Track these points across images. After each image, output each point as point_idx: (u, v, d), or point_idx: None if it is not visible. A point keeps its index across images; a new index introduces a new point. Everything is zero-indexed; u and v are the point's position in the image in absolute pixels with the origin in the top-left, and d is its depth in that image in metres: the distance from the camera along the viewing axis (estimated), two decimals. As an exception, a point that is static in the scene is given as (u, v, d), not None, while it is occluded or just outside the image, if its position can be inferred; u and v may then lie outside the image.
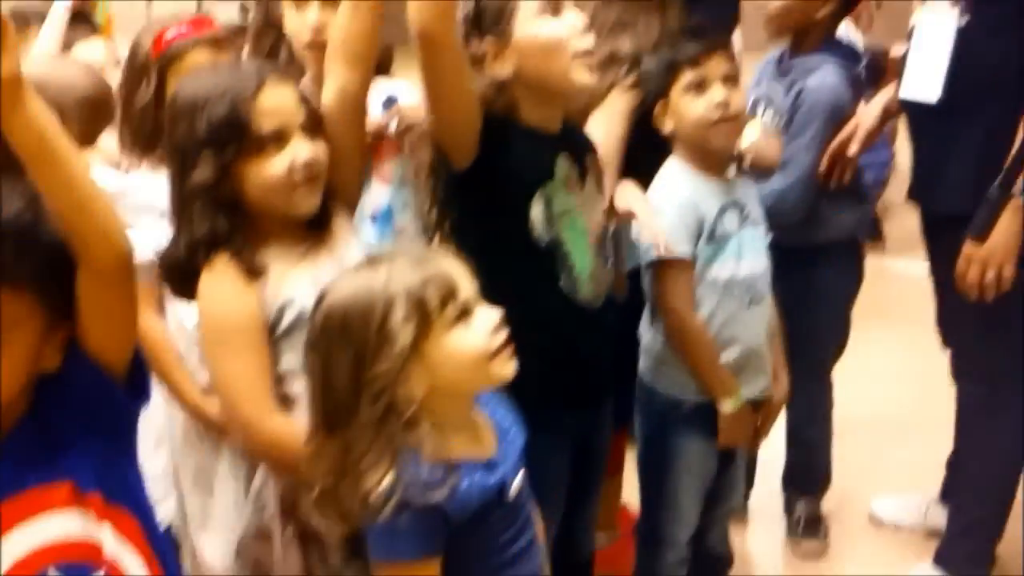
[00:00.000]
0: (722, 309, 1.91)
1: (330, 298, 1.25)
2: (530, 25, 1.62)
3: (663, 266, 1.88)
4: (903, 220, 4.08)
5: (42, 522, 1.09)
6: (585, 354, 1.74)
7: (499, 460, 1.30)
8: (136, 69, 1.77)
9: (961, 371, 2.29)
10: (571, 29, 1.64)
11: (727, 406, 1.88)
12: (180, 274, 1.46)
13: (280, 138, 1.41)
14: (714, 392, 1.89)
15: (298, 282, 1.44)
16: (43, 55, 2.20)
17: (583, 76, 1.64)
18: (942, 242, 2.13)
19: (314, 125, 1.46)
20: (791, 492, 2.64)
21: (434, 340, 1.22)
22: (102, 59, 2.24)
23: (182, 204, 1.42)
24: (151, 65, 1.75)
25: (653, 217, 1.84)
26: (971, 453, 2.26)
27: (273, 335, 1.43)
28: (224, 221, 1.40)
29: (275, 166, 1.40)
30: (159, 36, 1.77)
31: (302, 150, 1.42)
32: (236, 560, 1.50)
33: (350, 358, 1.20)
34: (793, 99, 2.28)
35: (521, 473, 1.33)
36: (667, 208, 1.89)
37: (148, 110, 1.75)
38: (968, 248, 1.96)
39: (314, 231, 1.50)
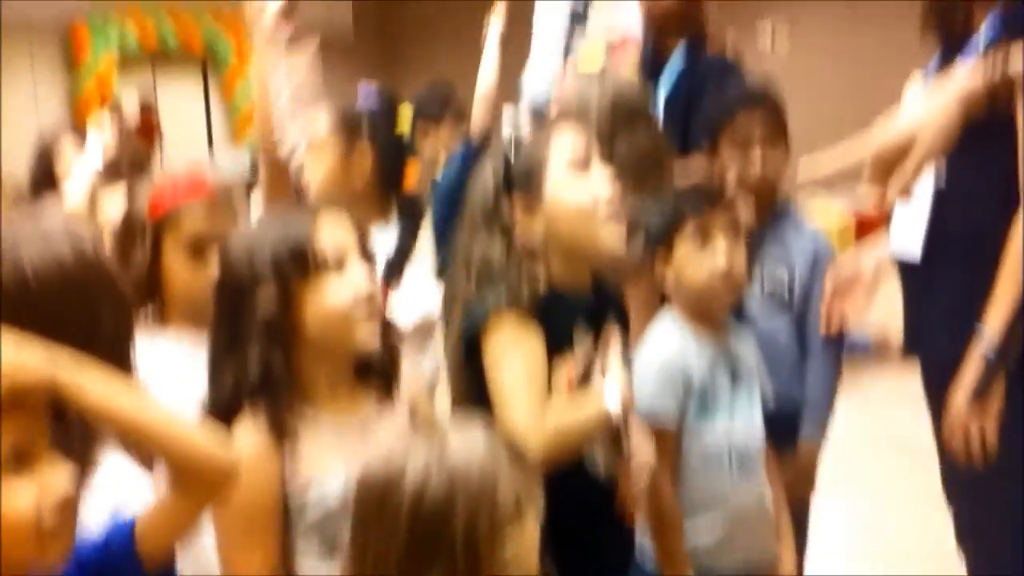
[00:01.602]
0: (710, 474, 1.86)
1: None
2: (560, 186, 1.65)
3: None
4: None
5: None
6: (603, 531, 1.70)
7: None
8: (131, 229, 1.76)
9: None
10: (599, 192, 1.65)
11: None
12: (224, 420, 1.39)
13: (340, 265, 1.42)
14: (665, 571, 1.84)
15: (331, 460, 1.39)
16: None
17: (611, 241, 1.65)
18: (936, 389, 2.14)
19: (368, 253, 1.47)
20: None
21: None
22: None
23: (235, 343, 1.39)
24: (147, 224, 1.75)
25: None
26: None
27: (292, 523, 1.37)
28: (281, 359, 1.38)
29: (338, 293, 1.40)
30: (155, 195, 1.76)
31: (362, 277, 1.42)
32: None
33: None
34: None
35: None
36: (653, 366, 1.86)
37: (142, 273, 1.74)
38: (955, 408, 1.96)
39: (363, 383, 1.49)
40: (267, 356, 1.37)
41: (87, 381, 1.00)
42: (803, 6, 11.71)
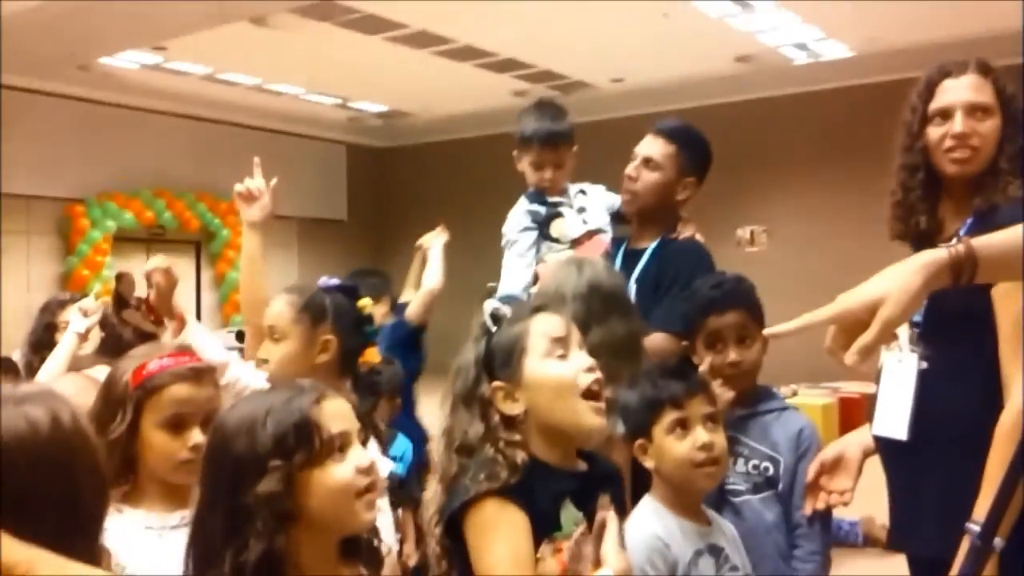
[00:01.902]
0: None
1: None
2: (539, 366, 1.66)
3: None
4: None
5: None
6: None
7: None
8: (112, 400, 1.75)
9: None
10: (578, 369, 1.67)
11: None
12: None
13: (343, 446, 1.41)
14: None
15: None
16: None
17: (592, 419, 1.65)
18: None
19: (365, 437, 1.47)
20: None
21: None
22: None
23: (235, 523, 1.35)
24: (129, 397, 1.74)
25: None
26: None
27: None
28: (283, 539, 1.34)
29: (341, 471, 1.39)
30: (139, 368, 1.76)
31: (364, 457, 1.42)
32: None
33: None
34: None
35: None
36: (636, 550, 1.81)
37: (120, 442, 1.71)
38: None
39: (348, 559, 1.46)
40: (271, 539, 1.34)
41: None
42: (779, 214, 12.20)
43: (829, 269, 9.93)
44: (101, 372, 2.05)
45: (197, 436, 1.69)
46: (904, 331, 2.09)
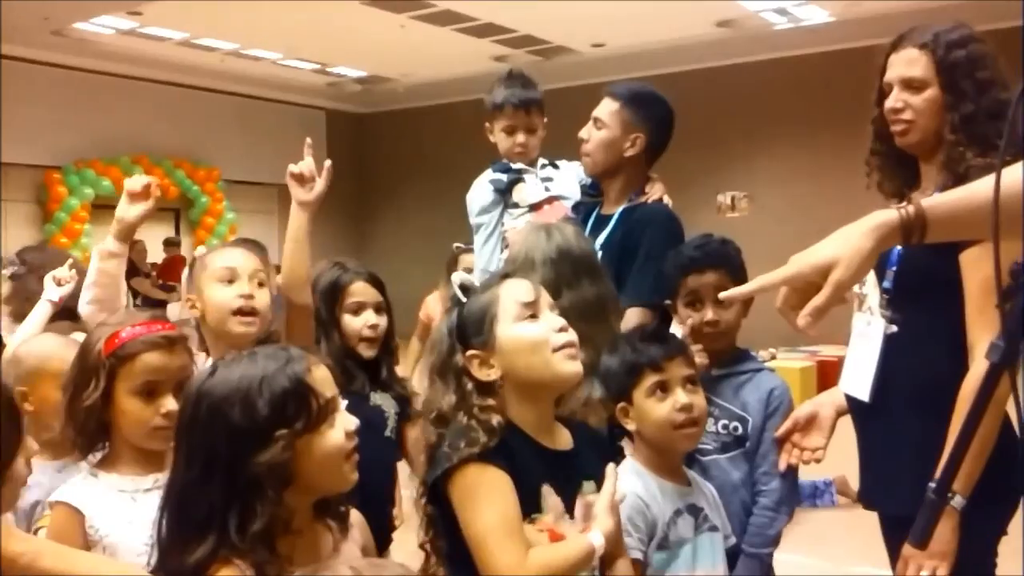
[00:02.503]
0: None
1: None
2: (511, 328, 1.68)
3: None
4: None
5: None
6: None
7: None
8: (86, 368, 1.75)
9: None
10: (550, 328, 1.69)
11: None
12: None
13: (333, 409, 1.44)
14: None
15: None
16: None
17: (567, 365, 1.67)
18: (897, 543, 2.14)
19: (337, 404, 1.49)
20: None
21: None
22: None
23: (236, 491, 1.35)
24: (102, 364, 1.74)
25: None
26: None
27: None
28: (287, 509, 1.37)
29: (335, 436, 1.42)
30: (112, 335, 1.76)
31: (350, 422, 1.45)
32: None
33: None
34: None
35: None
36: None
37: (95, 409, 1.72)
38: (906, 551, 1.97)
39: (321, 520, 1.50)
40: (274, 505, 1.36)
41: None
42: (761, 180, 12.22)
43: (812, 233, 9.74)
44: (80, 336, 2.07)
45: (170, 403, 1.70)
46: (874, 295, 2.12)
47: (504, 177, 2.86)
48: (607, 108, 2.75)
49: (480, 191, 2.92)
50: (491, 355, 1.68)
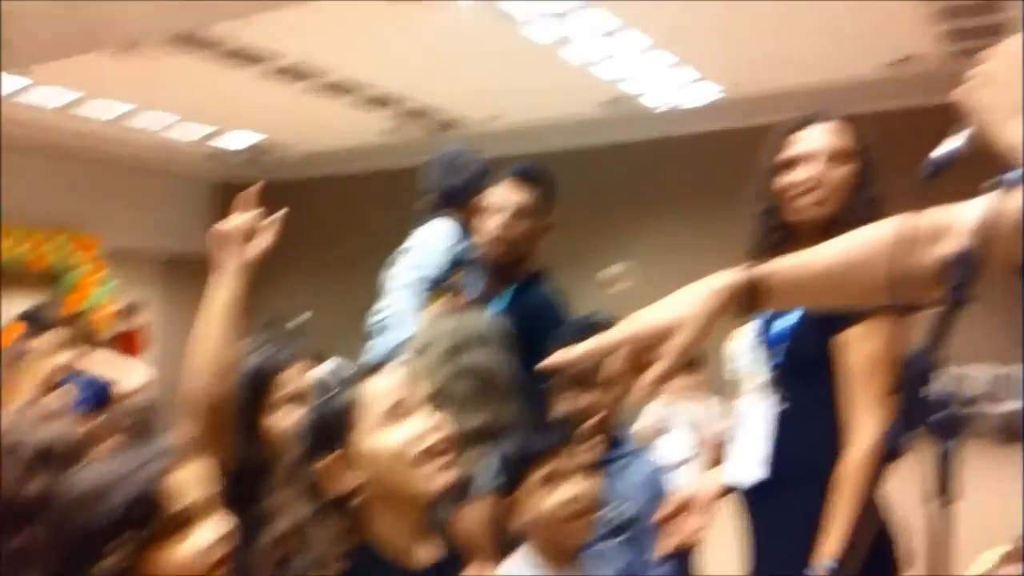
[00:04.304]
0: None
1: None
2: (373, 433, 1.56)
3: None
4: None
5: None
6: None
7: None
8: None
9: None
10: (416, 434, 1.56)
11: None
12: None
13: (191, 518, 1.32)
14: None
15: None
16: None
17: (431, 479, 1.55)
18: None
19: (217, 507, 1.37)
20: None
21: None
22: None
23: None
24: None
25: None
26: None
27: None
28: None
29: (189, 547, 1.31)
30: None
31: (217, 530, 1.33)
32: None
33: None
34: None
35: None
36: None
37: None
38: None
39: None
40: None
41: None
42: (650, 254, 12.48)
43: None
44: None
45: None
46: (761, 374, 2.15)
47: (461, 255, 2.81)
48: (525, 195, 2.73)
49: (434, 252, 2.81)
50: (350, 462, 1.54)
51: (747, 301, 1.25)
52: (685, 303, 1.23)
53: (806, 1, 7.86)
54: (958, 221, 1.15)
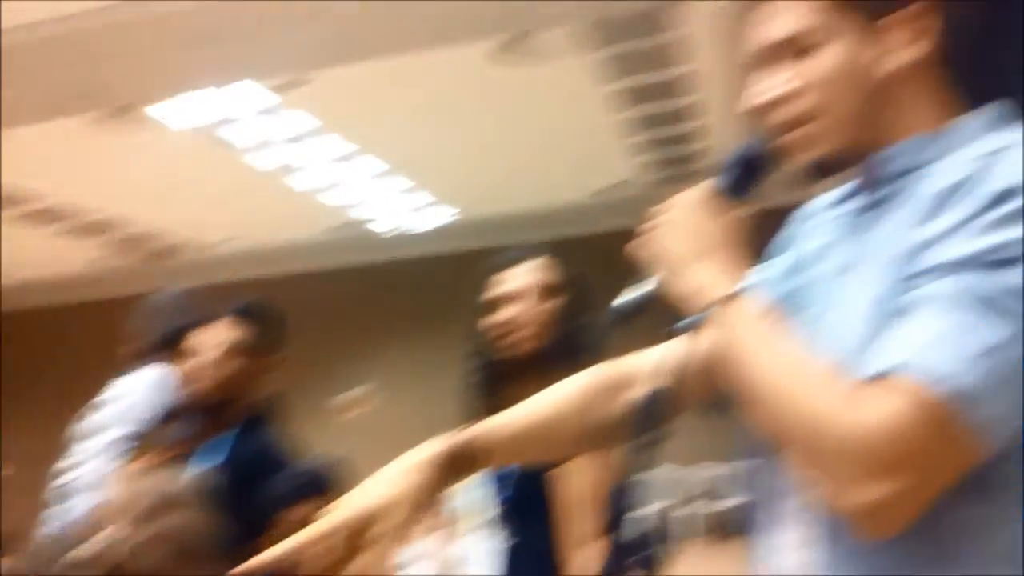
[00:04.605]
0: None
1: None
2: None
3: None
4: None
5: None
6: None
7: None
8: None
9: None
10: None
11: None
12: None
13: None
14: None
15: None
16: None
17: None
18: None
19: None
20: None
21: None
22: None
23: None
24: None
25: None
26: None
27: None
28: None
29: None
30: None
31: None
32: None
33: None
34: None
35: None
36: None
37: None
38: None
39: None
40: None
41: None
42: (383, 378, 12.45)
43: (434, 431, 10.15)
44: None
45: None
46: (487, 511, 2.14)
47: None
48: (240, 333, 2.60)
49: (147, 402, 2.64)
50: None
51: (459, 467, 1.22)
52: (393, 482, 1.17)
53: (531, 128, 8.36)
54: (646, 366, 1.20)
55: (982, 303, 0.88)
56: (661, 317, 1.10)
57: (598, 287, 2.23)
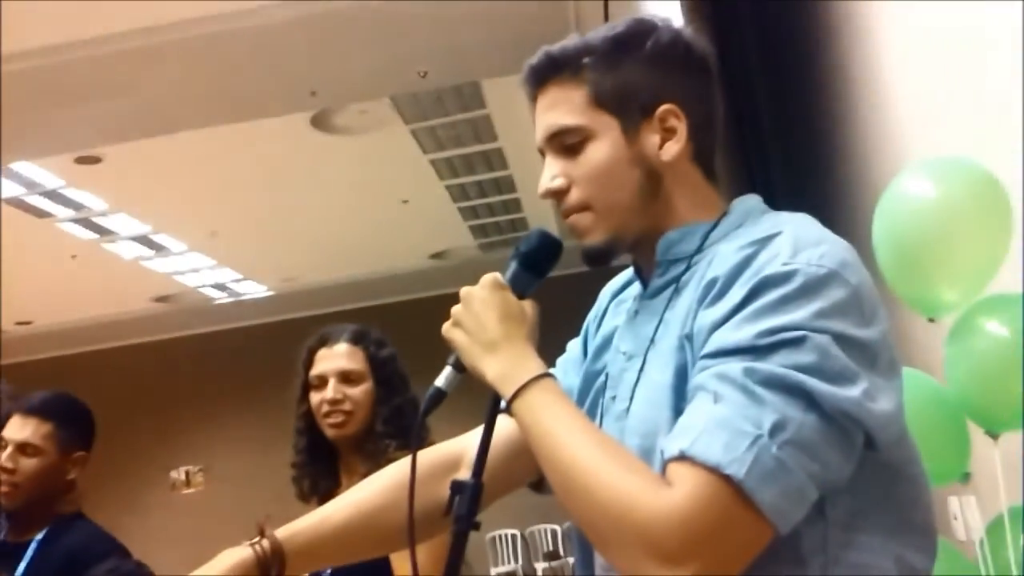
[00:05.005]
0: None
1: None
2: None
3: None
4: None
5: None
6: None
7: None
8: None
9: None
10: None
11: None
12: None
13: None
14: None
15: None
16: None
17: None
18: None
19: None
20: None
21: None
22: None
23: None
24: None
25: None
26: None
27: None
28: None
29: None
30: None
31: None
32: None
33: None
34: None
35: None
36: None
37: None
38: None
39: None
40: None
41: None
42: (215, 452, 11.98)
43: (267, 501, 9.83)
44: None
45: None
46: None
47: None
48: (38, 431, 2.42)
49: None
50: None
51: (270, 570, 1.19)
52: None
53: (361, 201, 8.38)
54: (465, 451, 1.21)
55: (756, 387, 0.92)
56: (483, 395, 1.11)
57: (437, 349, 2.24)
